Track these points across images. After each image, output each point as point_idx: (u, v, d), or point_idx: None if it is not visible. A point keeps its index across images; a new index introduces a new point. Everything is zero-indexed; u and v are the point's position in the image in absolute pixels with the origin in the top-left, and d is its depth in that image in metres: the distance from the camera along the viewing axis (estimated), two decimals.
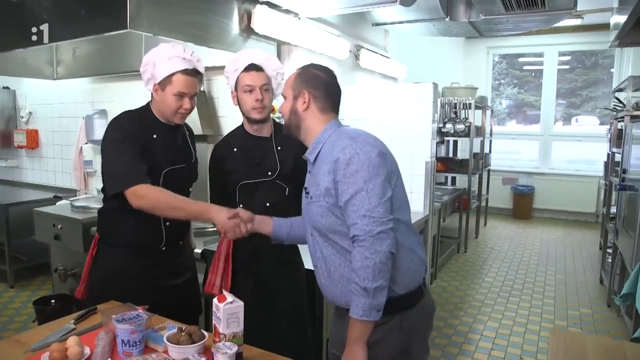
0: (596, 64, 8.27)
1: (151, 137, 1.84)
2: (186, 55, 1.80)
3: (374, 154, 1.38)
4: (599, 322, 3.84)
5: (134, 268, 1.88)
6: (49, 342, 1.42)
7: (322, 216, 1.45)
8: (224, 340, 1.33)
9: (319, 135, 1.52)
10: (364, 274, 1.32)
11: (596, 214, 7.60)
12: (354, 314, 1.34)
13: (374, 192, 1.35)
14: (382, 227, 1.33)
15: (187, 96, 1.81)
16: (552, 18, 3.98)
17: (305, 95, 1.52)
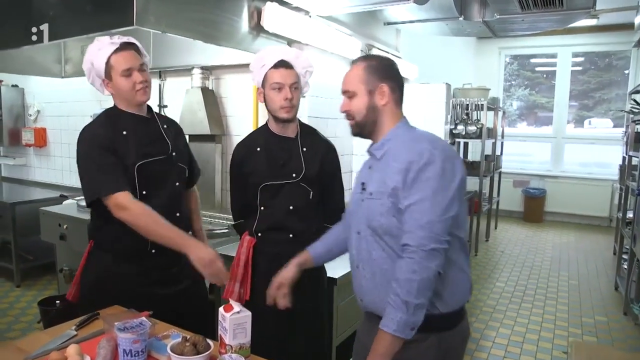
0: (610, 66, 8.13)
1: (121, 134, 1.77)
2: (113, 40, 1.75)
3: (450, 166, 1.32)
4: (615, 330, 3.73)
5: (124, 273, 1.79)
6: (49, 350, 1.37)
7: (382, 215, 1.37)
8: (230, 351, 1.27)
9: (390, 132, 1.44)
10: (407, 287, 1.25)
11: (609, 218, 7.46)
12: (387, 327, 1.27)
13: (439, 205, 1.28)
14: (436, 245, 1.26)
15: (133, 70, 1.74)
16: (568, 18, 3.88)
17: (384, 88, 1.42)
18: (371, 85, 1.43)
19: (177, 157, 1.90)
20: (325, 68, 3.47)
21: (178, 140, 1.94)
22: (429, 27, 4.26)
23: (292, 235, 1.86)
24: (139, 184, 1.77)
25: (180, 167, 1.92)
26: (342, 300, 2.25)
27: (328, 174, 1.94)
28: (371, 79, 1.43)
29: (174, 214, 1.84)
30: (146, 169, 1.78)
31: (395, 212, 1.34)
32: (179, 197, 1.91)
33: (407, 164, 1.32)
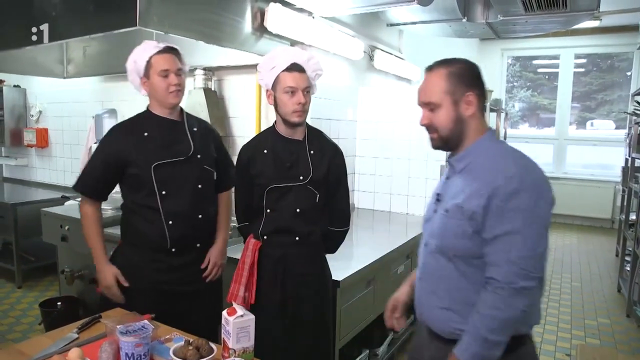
0: (612, 67, 8.11)
1: (142, 135, 1.89)
2: (158, 44, 1.88)
3: (541, 194, 1.22)
4: (619, 333, 3.71)
5: (143, 267, 1.90)
6: (51, 353, 1.36)
7: (456, 237, 1.29)
8: (233, 355, 1.25)
9: (475, 144, 1.33)
10: (489, 324, 1.20)
11: (612, 220, 7.44)
12: (461, 355, 1.23)
13: (531, 239, 1.19)
14: (526, 283, 1.19)
15: (170, 72, 1.85)
16: (572, 19, 3.86)
17: (471, 97, 1.31)
18: (457, 94, 1.31)
19: (202, 160, 1.95)
20: (328, 69, 3.45)
21: (206, 143, 1.99)
22: (431, 29, 4.25)
23: (298, 238, 1.85)
24: (157, 184, 1.86)
25: (205, 169, 1.96)
26: (345, 303, 2.24)
27: (335, 177, 1.92)
28: (457, 88, 1.31)
29: (196, 216, 1.93)
30: (164, 169, 1.86)
31: (474, 236, 1.26)
32: (202, 199, 1.95)
33: (492, 189, 1.22)
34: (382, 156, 3.84)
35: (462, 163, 1.34)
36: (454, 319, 1.32)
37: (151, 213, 1.86)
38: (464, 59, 1.36)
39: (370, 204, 3.92)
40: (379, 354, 2.69)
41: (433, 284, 1.36)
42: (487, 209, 1.22)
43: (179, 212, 1.88)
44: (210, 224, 2.02)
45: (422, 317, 1.43)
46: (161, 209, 1.86)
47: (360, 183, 3.95)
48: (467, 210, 1.25)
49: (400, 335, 3.03)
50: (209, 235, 2.03)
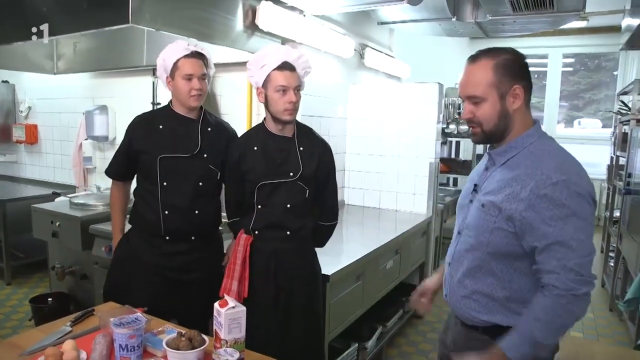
0: (599, 67, 8.24)
1: (157, 128, 2.00)
2: (188, 47, 1.94)
3: (589, 201, 1.22)
4: (602, 326, 3.80)
5: (144, 250, 2.01)
6: (45, 346, 1.38)
7: (491, 233, 1.28)
8: (225, 346, 1.28)
9: (518, 140, 1.29)
10: (545, 330, 1.20)
11: (597, 217, 7.56)
12: (508, 351, 1.22)
13: (584, 245, 1.19)
14: (587, 289, 1.19)
15: (194, 77, 1.92)
16: (559, 19, 3.93)
17: (518, 90, 1.26)
18: (504, 88, 1.26)
19: (208, 159, 2.01)
20: (319, 67, 3.49)
21: (218, 144, 2.04)
22: (422, 27, 4.29)
23: (289, 233, 1.89)
24: (160, 175, 1.97)
25: (209, 168, 2.02)
26: (335, 297, 2.28)
27: (324, 174, 1.96)
28: (503, 81, 1.26)
29: (193, 211, 2.00)
30: (169, 162, 1.97)
31: (508, 235, 1.26)
32: (200, 195, 2.01)
33: (535, 195, 1.20)
34: (372, 153, 3.88)
35: (504, 157, 1.31)
36: (475, 308, 1.35)
37: (152, 200, 1.98)
38: (511, 49, 1.31)
39: (360, 200, 3.96)
40: (367, 348, 2.73)
41: (461, 272, 1.38)
42: (530, 214, 1.21)
43: (175, 204, 1.97)
44: (207, 220, 2.07)
45: (448, 301, 1.46)
46: (160, 198, 1.97)
47: (350, 180, 3.99)
48: (506, 211, 1.24)
49: (389, 329, 3.08)
50: (207, 231, 2.09)
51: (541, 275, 1.23)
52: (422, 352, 3.23)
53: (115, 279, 2.07)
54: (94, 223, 2.93)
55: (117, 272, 2.09)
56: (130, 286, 1.99)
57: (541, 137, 1.30)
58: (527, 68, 1.30)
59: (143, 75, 3.60)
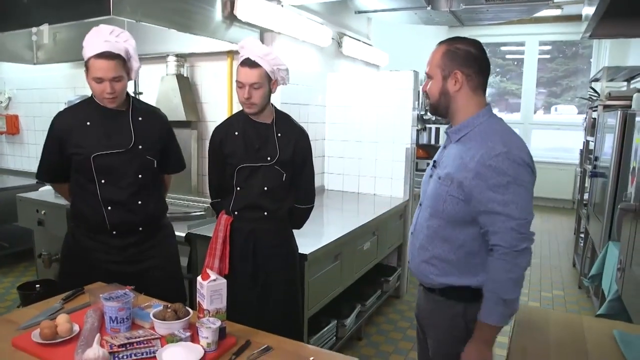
0: (576, 54, 8.43)
1: (84, 124, 1.89)
2: (109, 38, 1.79)
3: (528, 170, 1.38)
4: (570, 303, 4.00)
5: (91, 248, 1.97)
6: (39, 321, 1.47)
7: (445, 201, 1.45)
8: (207, 315, 1.39)
9: (470, 119, 1.46)
10: (505, 287, 1.36)
11: (572, 201, 7.80)
12: (490, 320, 1.38)
13: (523, 207, 1.35)
14: (527, 244, 1.36)
15: (104, 80, 1.79)
16: (530, 9, 4.06)
17: (458, 75, 1.44)
18: (446, 70, 1.45)
19: (144, 150, 1.96)
20: (297, 56, 3.57)
21: (151, 133, 2.00)
22: (399, 16, 4.39)
23: (266, 214, 2.00)
24: (97, 173, 1.90)
25: (146, 159, 1.98)
26: (312, 275, 2.40)
27: (300, 158, 2.07)
28: (447, 65, 1.44)
29: (136, 203, 1.97)
30: (103, 160, 1.89)
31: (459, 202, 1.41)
32: (141, 187, 1.97)
33: (481, 166, 1.36)
34: (350, 139, 3.99)
35: (458, 135, 1.48)
36: (433, 271, 1.50)
37: (92, 198, 1.91)
38: (471, 41, 1.47)
39: (340, 185, 4.08)
40: (346, 325, 2.87)
41: (421, 240, 1.54)
42: (476, 182, 1.37)
43: (116, 199, 1.92)
44: (152, 208, 2.02)
45: (411, 267, 1.62)
46: (100, 195, 1.90)
47: (330, 165, 4.11)
48: (457, 180, 1.41)
49: (368, 308, 3.22)
50: (152, 219, 2.04)
51: (488, 237, 1.39)
52: (400, 329, 3.39)
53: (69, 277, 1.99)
54: None
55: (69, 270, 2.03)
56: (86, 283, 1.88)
57: (490, 117, 1.47)
58: (479, 59, 1.45)
59: None
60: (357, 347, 3.10)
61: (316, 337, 2.57)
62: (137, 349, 1.34)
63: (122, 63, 1.83)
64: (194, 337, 1.39)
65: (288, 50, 3.42)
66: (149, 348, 1.34)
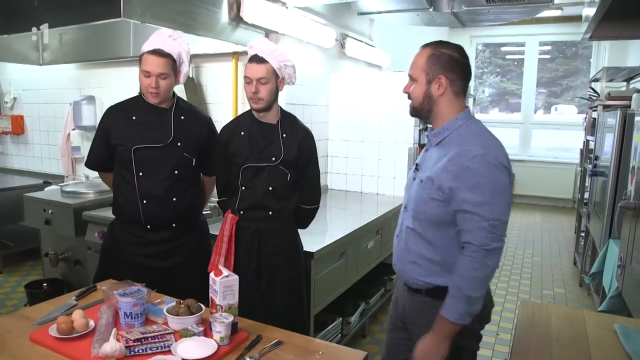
0: (576, 54, 8.47)
1: (130, 119, 2.05)
2: (164, 39, 1.95)
3: (505, 172, 1.40)
4: (571, 300, 4.05)
5: (123, 241, 2.09)
6: (55, 316, 1.51)
7: (426, 203, 1.48)
8: (220, 311, 1.43)
9: (450, 123, 1.49)
10: (469, 284, 1.39)
11: (573, 200, 7.85)
12: (450, 315, 1.41)
13: (498, 208, 1.38)
14: (498, 244, 1.38)
15: (151, 75, 1.93)
16: (531, 10, 4.10)
17: (442, 80, 1.46)
18: (431, 74, 1.47)
19: (183, 147, 2.07)
20: (301, 57, 3.61)
21: (191, 132, 2.11)
22: (401, 17, 4.43)
23: (271, 213, 2.04)
24: (136, 165, 2.01)
25: (184, 156, 2.08)
26: (318, 273, 2.44)
27: (305, 159, 2.10)
28: (432, 69, 1.47)
29: (170, 199, 2.07)
30: (143, 153, 2.02)
31: (440, 204, 1.44)
32: (177, 183, 2.07)
33: (459, 167, 1.39)
34: (353, 139, 4.03)
35: (438, 138, 1.52)
36: (419, 271, 1.54)
37: (130, 190, 2.03)
38: (455, 46, 1.50)
39: (343, 185, 4.12)
40: (351, 322, 2.91)
41: (406, 241, 1.57)
42: (455, 184, 1.40)
43: (153, 193, 2.03)
44: (186, 206, 2.12)
45: (397, 269, 1.66)
46: (137, 188, 2.03)
47: (333, 165, 4.15)
48: (437, 182, 1.44)
49: (372, 306, 3.26)
50: (187, 216, 2.15)
51: (462, 235, 1.43)
52: None
53: (105, 269, 2.13)
54: (85, 210, 3.04)
55: (106, 263, 2.16)
56: (119, 276, 1.97)
57: (469, 120, 1.51)
58: (462, 65, 1.49)
59: (130, 65, 3.68)
60: (361, 344, 3.15)
61: (322, 333, 2.61)
62: (152, 344, 1.38)
63: (171, 63, 1.96)
64: (207, 332, 1.43)
65: (292, 52, 3.46)
66: (164, 342, 1.39)
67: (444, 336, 1.43)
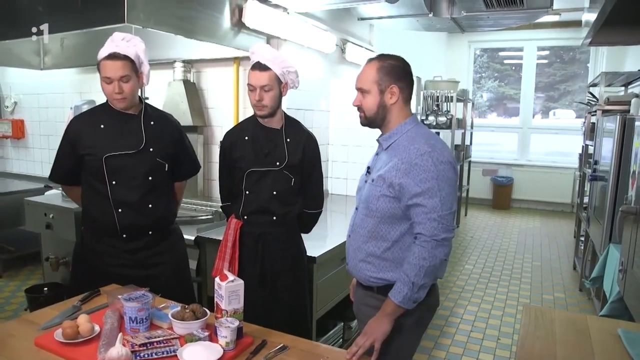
0: (574, 59, 8.52)
1: (98, 127, 1.97)
2: (119, 42, 1.89)
3: (450, 166, 1.49)
4: (571, 305, 4.05)
5: (101, 252, 2.01)
6: (59, 321, 1.51)
7: (377, 200, 1.56)
8: (225, 316, 1.43)
9: (399, 127, 1.58)
10: (416, 271, 1.47)
11: (572, 204, 7.87)
12: (394, 297, 1.49)
13: (446, 200, 1.47)
14: (446, 235, 1.47)
15: (113, 80, 1.87)
16: (530, 15, 4.14)
17: (395, 89, 1.55)
18: (383, 85, 1.55)
19: (155, 153, 2.01)
20: (302, 62, 3.63)
21: (162, 137, 2.05)
22: (400, 23, 4.46)
23: (275, 218, 2.04)
24: (108, 174, 1.95)
25: (156, 162, 2.02)
26: (321, 278, 2.44)
27: (308, 163, 2.11)
28: (384, 80, 1.55)
29: (146, 206, 2.01)
30: (114, 161, 1.95)
31: (391, 200, 1.52)
32: (152, 189, 2.02)
33: (408, 165, 1.48)
34: (353, 144, 4.04)
35: (388, 142, 1.60)
36: (370, 269, 1.61)
37: (103, 200, 1.96)
38: (398, 57, 1.60)
39: (343, 189, 4.13)
40: (353, 327, 2.91)
41: (358, 241, 1.64)
42: (405, 180, 1.48)
43: (128, 201, 1.96)
44: (161, 212, 2.06)
45: (349, 268, 1.72)
46: (111, 197, 1.95)
47: (334, 170, 4.15)
48: (388, 180, 1.52)
49: None
50: (162, 223, 2.09)
51: (414, 227, 1.51)
52: None
53: (79, 279, 2.04)
54: None
55: (80, 274, 2.06)
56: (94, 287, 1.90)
57: (416, 124, 1.61)
58: (408, 73, 1.59)
59: None
60: None
61: (324, 338, 2.62)
62: (158, 348, 1.38)
63: (130, 64, 1.90)
64: (212, 336, 1.43)
65: (293, 57, 3.48)
66: (169, 347, 1.39)
67: (388, 314, 1.51)
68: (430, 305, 1.68)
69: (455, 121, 5.95)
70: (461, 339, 3.36)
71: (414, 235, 1.52)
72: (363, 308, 1.70)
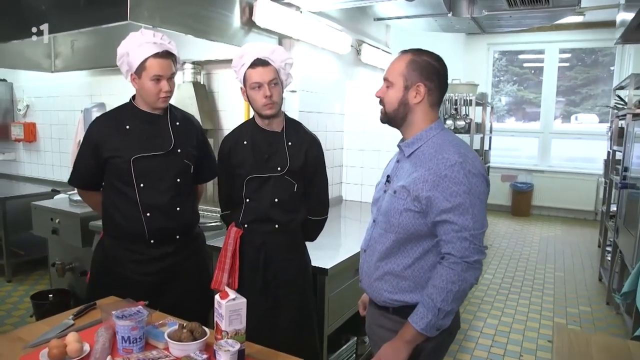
0: (596, 62, 8.26)
1: (124, 128, 1.90)
2: (156, 40, 1.84)
3: (482, 180, 1.36)
4: (598, 320, 3.83)
5: (123, 259, 1.92)
6: (48, 339, 1.40)
7: (400, 214, 1.41)
8: (226, 337, 1.31)
9: (423, 132, 1.44)
10: (443, 296, 1.33)
11: (595, 212, 7.60)
12: (416, 324, 1.35)
13: (478, 217, 1.33)
14: (479, 257, 1.33)
15: (163, 79, 1.84)
16: (555, 15, 3.95)
17: (421, 88, 1.41)
18: (409, 81, 1.42)
19: (182, 154, 1.96)
20: (316, 63, 3.50)
21: (188, 138, 2.00)
22: (418, 23, 4.31)
23: (277, 226, 1.92)
24: (136, 177, 1.87)
25: (184, 163, 1.97)
26: (333, 291, 2.30)
27: (311, 167, 1.97)
28: (411, 75, 1.41)
29: (174, 209, 1.94)
30: (142, 163, 1.88)
31: (416, 215, 1.38)
32: (180, 192, 1.96)
33: (437, 176, 1.34)
34: (368, 149, 3.90)
35: (410, 149, 1.45)
36: (387, 288, 1.46)
37: (130, 204, 1.88)
38: (436, 56, 1.45)
39: (358, 196, 3.98)
40: (366, 342, 2.76)
41: (374, 257, 1.49)
42: (433, 193, 1.34)
43: (156, 204, 1.90)
44: (188, 215, 2.03)
45: (363, 286, 1.56)
46: (139, 200, 1.88)
47: (348, 175, 4.01)
48: (413, 192, 1.37)
49: None
50: (188, 227, 2.04)
51: (441, 246, 1.36)
52: None
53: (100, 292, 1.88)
54: (93, 220, 2.95)
55: (100, 284, 1.96)
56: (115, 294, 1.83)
57: (442, 130, 1.45)
58: (441, 75, 1.44)
59: None
60: None
61: (336, 354, 2.47)
62: None
63: (174, 63, 1.89)
64: (211, 358, 1.31)
65: (307, 58, 3.36)
66: None
67: (407, 342, 1.38)
68: (452, 329, 1.52)
69: (474, 125, 5.77)
70: (481, 355, 3.19)
71: (440, 255, 1.36)
72: (376, 329, 1.55)
